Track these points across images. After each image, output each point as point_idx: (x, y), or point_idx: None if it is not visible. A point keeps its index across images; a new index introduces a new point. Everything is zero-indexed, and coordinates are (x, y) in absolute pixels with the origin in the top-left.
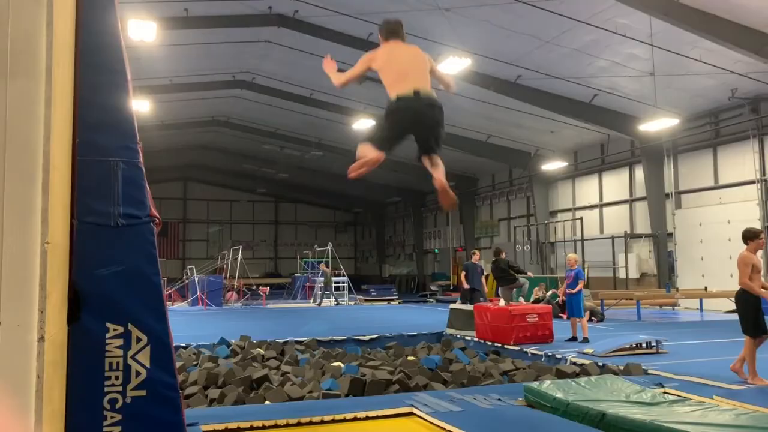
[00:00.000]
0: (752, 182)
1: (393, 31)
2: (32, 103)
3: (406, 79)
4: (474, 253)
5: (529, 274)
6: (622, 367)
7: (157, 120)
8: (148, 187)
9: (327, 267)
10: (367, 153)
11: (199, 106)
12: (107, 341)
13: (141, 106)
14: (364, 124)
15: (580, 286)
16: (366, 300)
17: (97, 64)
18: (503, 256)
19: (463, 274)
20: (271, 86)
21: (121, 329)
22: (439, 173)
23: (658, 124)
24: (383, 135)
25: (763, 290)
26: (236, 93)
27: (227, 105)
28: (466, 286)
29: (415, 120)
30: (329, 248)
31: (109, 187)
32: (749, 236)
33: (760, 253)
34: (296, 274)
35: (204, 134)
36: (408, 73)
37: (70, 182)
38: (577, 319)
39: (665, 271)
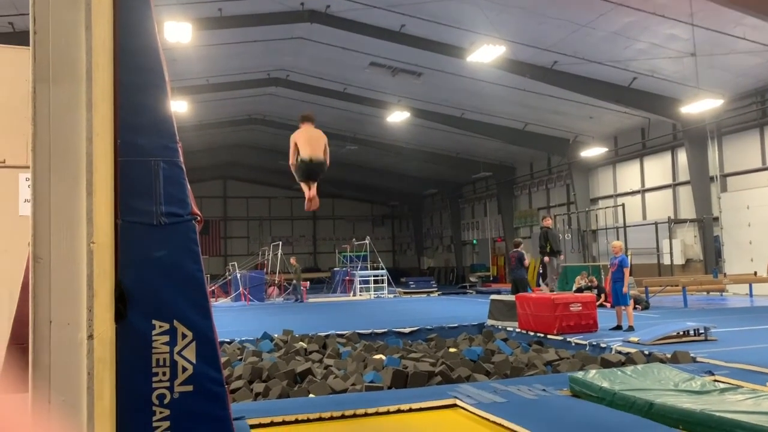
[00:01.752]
0: None
1: (308, 118)
2: (74, 107)
3: (308, 148)
4: (518, 243)
5: (562, 257)
6: (669, 355)
7: (195, 120)
8: (189, 186)
9: (295, 261)
10: (305, 189)
11: (236, 105)
12: (154, 338)
13: (179, 107)
14: (398, 116)
15: (626, 274)
16: (405, 292)
17: (135, 66)
18: (548, 223)
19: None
20: (305, 82)
21: (166, 326)
22: (314, 188)
23: (700, 106)
24: (300, 178)
25: None
26: (271, 90)
27: (263, 103)
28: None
29: (310, 170)
30: (367, 242)
31: (150, 187)
32: None
33: None
34: (335, 268)
35: (241, 132)
36: (310, 145)
37: (112, 183)
38: (622, 308)
39: (712, 257)
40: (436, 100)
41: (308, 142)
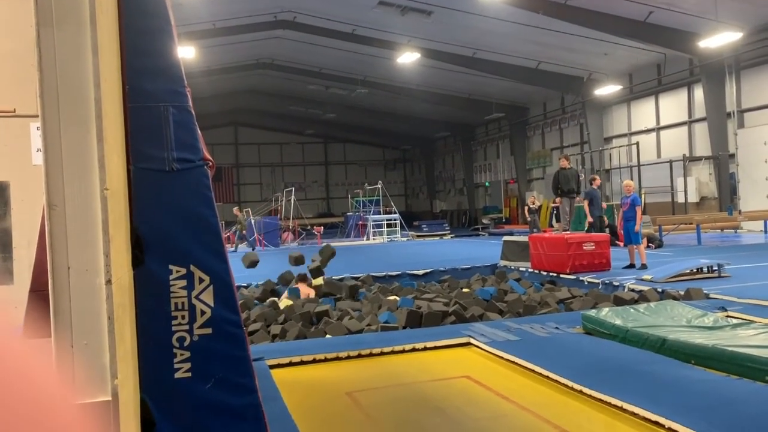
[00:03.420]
0: None
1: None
2: (80, 51)
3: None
4: (594, 179)
5: (578, 198)
6: (682, 293)
7: (204, 66)
8: (199, 131)
9: (240, 211)
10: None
11: (243, 49)
12: (171, 283)
13: (186, 53)
14: (408, 57)
15: (638, 212)
16: (418, 236)
17: (140, 10)
18: (563, 164)
19: (586, 203)
20: (313, 24)
21: (183, 271)
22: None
23: (719, 40)
24: None
25: None
26: (279, 33)
27: (271, 46)
28: (590, 219)
29: None
30: (379, 186)
31: (161, 133)
32: None
33: None
34: (348, 213)
35: (250, 77)
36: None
37: (123, 129)
38: (635, 246)
39: (727, 194)
40: (446, 39)
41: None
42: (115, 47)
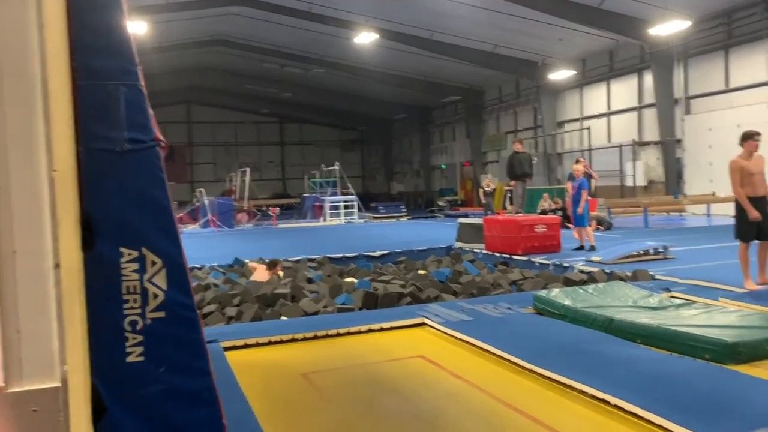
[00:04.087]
0: (764, 84)
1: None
2: (24, 27)
3: None
4: (578, 161)
5: (528, 182)
6: (629, 274)
7: (155, 42)
8: (151, 111)
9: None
10: None
11: (197, 25)
12: (122, 266)
13: (138, 28)
14: (366, 37)
15: (584, 196)
16: (375, 217)
17: None
18: (516, 147)
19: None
20: (269, 1)
21: (135, 254)
22: None
23: (668, 28)
24: None
25: (744, 199)
26: (234, 10)
27: (225, 23)
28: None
29: None
30: (336, 167)
31: (111, 112)
32: (742, 138)
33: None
34: (305, 194)
35: (204, 55)
36: None
37: (71, 108)
38: (581, 228)
39: (673, 178)
40: (405, 20)
41: None
42: (62, 23)
